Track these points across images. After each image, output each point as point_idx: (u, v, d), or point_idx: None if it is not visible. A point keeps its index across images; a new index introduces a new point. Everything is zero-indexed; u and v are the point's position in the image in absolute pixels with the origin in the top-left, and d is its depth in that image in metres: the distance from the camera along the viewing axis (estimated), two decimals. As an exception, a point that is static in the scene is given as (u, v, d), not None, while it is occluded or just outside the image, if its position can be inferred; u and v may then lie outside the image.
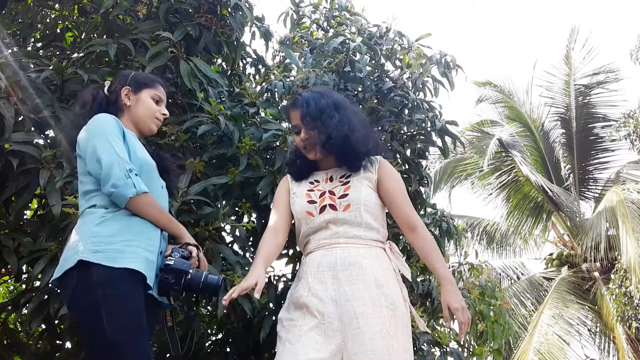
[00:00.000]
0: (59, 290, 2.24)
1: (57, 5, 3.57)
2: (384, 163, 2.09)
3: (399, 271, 2.00)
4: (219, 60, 3.40)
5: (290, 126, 2.16)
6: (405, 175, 3.55)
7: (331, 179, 2.06)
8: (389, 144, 3.38)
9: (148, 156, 1.93)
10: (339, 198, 1.98)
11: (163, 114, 2.04)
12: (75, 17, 3.45)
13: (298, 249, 2.09)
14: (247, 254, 3.01)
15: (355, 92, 3.46)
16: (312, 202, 2.01)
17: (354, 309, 1.82)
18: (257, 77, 3.67)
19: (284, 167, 2.46)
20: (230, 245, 2.92)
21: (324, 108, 2.02)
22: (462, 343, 3.83)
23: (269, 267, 2.06)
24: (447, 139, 3.48)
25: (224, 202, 2.83)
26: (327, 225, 1.97)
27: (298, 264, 3.00)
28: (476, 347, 3.78)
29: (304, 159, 2.11)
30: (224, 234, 2.95)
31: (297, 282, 1.98)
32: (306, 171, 2.12)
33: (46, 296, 2.58)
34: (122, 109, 1.98)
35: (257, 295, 1.80)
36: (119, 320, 1.66)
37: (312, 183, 2.08)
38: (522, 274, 10.90)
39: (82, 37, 3.37)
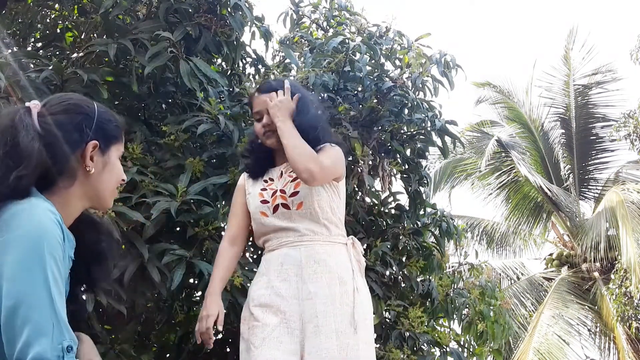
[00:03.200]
0: None
1: (57, 5, 3.57)
2: (322, 148, 2.01)
3: (360, 266, 2.00)
4: (219, 60, 3.40)
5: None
6: (405, 175, 3.56)
7: (281, 175, 2.05)
8: (388, 144, 3.39)
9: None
10: (290, 196, 1.97)
11: (122, 181, 1.30)
12: (75, 17, 3.44)
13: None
14: (247, 254, 3.01)
15: (355, 92, 3.46)
16: (264, 201, 2.01)
17: (315, 307, 1.83)
18: (257, 77, 3.67)
19: (240, 158, 2.44)
20: (230, 245, 2.92)
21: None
22: (461, 343, 3.83)
23: (226, 283, 2.13)
24: (447, 138, 3.49)
25: (223, 202, 2.83)
26: (285, 225, 1.96)
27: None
28: (476, 347, 3.77)
29: (261, 151, 2.12)
30: (223, 233, 2.94)
31: (259, 279, 1.98)
32: (262, 165, 2.12)
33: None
34: (76, 175, 1.18)
35: (219, 327, 1.92)
36: None
37: (266, 182, 2.07)
38: (522, 274, 10.90)
39: (82, 37, 3.36)
